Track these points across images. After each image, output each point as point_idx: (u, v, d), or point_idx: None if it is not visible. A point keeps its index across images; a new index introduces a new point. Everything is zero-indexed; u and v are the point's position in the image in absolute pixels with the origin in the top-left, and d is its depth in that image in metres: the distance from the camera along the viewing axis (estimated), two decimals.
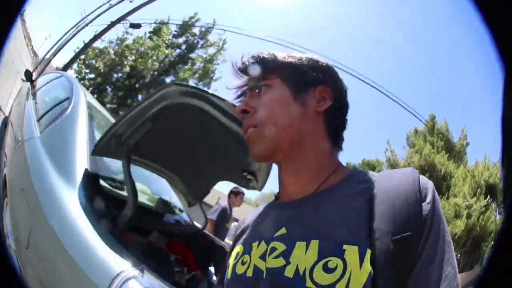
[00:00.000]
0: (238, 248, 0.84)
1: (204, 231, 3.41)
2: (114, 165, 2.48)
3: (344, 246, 0.63)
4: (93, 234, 1.72)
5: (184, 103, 1.93)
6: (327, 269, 0.62)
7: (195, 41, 22.19)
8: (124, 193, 2.22)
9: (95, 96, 18.55)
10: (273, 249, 0.72)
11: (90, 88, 18.48)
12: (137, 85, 20.99)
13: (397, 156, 33.56)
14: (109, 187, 2.29)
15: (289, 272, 0.66)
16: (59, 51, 13.73)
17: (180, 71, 21.87)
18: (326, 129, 0.84)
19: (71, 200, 1.89)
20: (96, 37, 15.91)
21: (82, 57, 18.27)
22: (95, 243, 1.67)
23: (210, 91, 1.93)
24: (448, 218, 26.37)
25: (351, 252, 0.62)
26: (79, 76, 18.56)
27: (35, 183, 2.08)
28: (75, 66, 17.21)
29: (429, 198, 0.66)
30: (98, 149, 2.18)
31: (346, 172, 0.81)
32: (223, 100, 1.81)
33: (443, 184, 27.64)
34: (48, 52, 14.45)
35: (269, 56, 0.85)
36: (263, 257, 0.73)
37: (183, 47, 22.46)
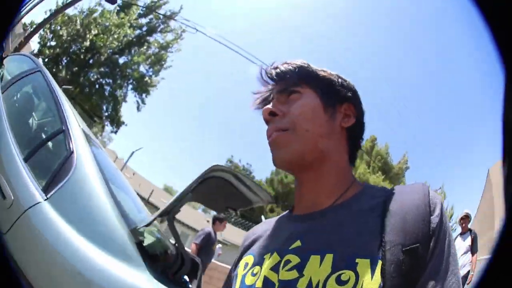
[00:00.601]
0: (248, 259, 0.85)
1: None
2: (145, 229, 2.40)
3: (357, 260, 0.65)
4: None
5: (217, 176, 2.43)
6: (339, 282, 0.64)
7: (157, 24, 22.31)
8: (166, 249, 2.57)
9: (50, 66, 18.95)
10: (287, 261, 0.73)
11: (47, 59, 18.68)
12: (91, 61, 21.25)
13: None
14: (157, 252, 2.40)
15: (301, 285, 0.67)
16: (31, 9, 12.80)
17: (135, 55, 22.36)
18: (347, 145, 0.88)
19: (147, 281, 1.95)
20: (71, 3, 15.83)
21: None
22: None
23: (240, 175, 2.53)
24: None
25: (363, 265, 0.64)
26: (42, 43, 18.71)
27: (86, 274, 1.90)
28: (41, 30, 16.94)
29: (437, 212, 0.69)
30: (147, 225, 2.33)
31: (360, 187, 0.84)
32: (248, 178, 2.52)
33: None
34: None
35: (304, 64, 0.88)
36: (275, 269, 0.74)
37: (144, 28, 22.59)
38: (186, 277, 2.65)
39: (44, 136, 2.91)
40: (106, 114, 22.42)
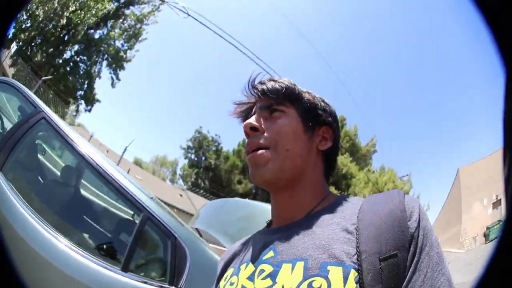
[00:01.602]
0: (228, 272, 0.89)
1: None
2: None
3: (329, 267, 0.65)
4: None
5: None
6: None
7: None
8: None
9: (26, 48, 18.70)
10: (262, 270, 0.75)
11: (22, 43, 18.79)
12: (66, 37, 21.16)
13: None
14: None
15: None
16: None
17: (111, 29, 22.63)
18: (322, 165, 0.92)
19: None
20: None
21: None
22: None
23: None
24: None
25: (335, 272, 0.64)
26: (17, 27, 18.38)
27: None
28: None
29: (415, 216, 0.69)
30: None
31: (334, 198, 0.86)
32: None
33: (342, 182, 32.41)
34: None
35: (290, 85, 0.91)
36: (251, 278, 0.76)
37: (122, 0, 22.68)
38: None
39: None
40: (81, 93, 22.42)
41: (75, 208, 3.09)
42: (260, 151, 0.84)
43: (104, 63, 23.73)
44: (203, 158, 51.73)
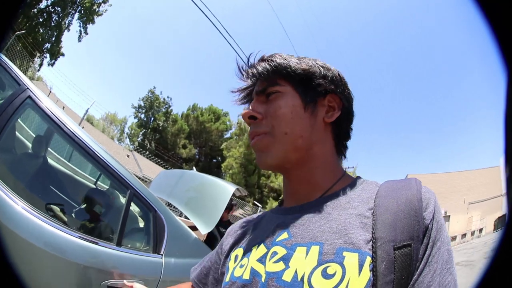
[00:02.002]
0: (238, 251, 0.85)
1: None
2: None
3: (344, 253, 0.64)
4: None
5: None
6: (326, 275, 0.62)
7: None
8: None
9: None
10: (274, 253, 0.72)
11: None
12: None
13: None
14: None
15: (287, 276, 0.66)
16: None
17: None
18: (333, 138, 0.87)
19: None
20: None
21: None
22: None
23: None
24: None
25: (351, 258, 0.63)
26: None
27: None
28: None
29: (430, 208, 0.67)
30: None
31: (350, 181, 0.84)
32: None
33: None
34: None
35: (282, 60, 0.84)
36: (261, 260, 0.74)
37: None
38: None
39: None
40: (48, 46, 21.75)
41: (62, 187, 3.22)
42: (260, 138, 0.83)
43: (76, 15, 23.03)
44: (152, 119, 51.13)
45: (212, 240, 5.02)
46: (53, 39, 21.84)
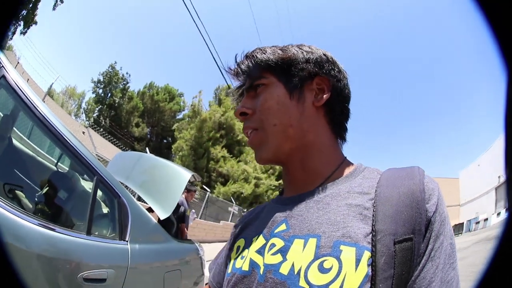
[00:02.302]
0: (240, 242, 0.85)
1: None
2: None
3: (342, 247, 0.62)
4: None
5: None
6: (322, 269, 0.61)
7: None
8: None
9: None
10: (272, 245, 0.72)
11: None
12: None
13: (202, 106, 36.28)
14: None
15: (284, 269, 0.66)
16: None
17: None
18: (328, 122, 0.84)
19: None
20: None
21: None
22: None
23: None
24: (237, 179, 32.34)
25: (348, 253, 0.61)
26: None
27: None
28: None
29: (434, 200, 0.65)
30: None
31: (351, 167, 0.82)
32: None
33: (235, 147, 31.76)
34: None
35: (262, 54, 0.84)
36: (260, 251, 0.73)
37: None
38: None
39: None
40: (23, 13, 20.87)
41: (28, 171, 3.13)
42: (252, 133, 0.84)
43: None
44: (109, 95, 49.66)
45: (168, 224, 5.05)
46: (30, 5, 20.87)
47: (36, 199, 2.70)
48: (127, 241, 2.62)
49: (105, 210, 2.86)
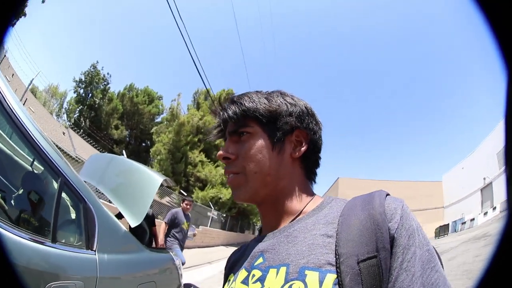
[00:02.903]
0: (231, 277, 0.93)
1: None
2: None
3: (306, 271, 0.70)
4: None
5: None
6: None
7: None
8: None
9: None
10: (253, 275, 0.81)
11: None
12: None
13: (180, 110, 36.21)
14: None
15: None
16: None
17: None
18: (302, 169, 0.93)
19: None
20: None
21: None
22: None
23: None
24: (215, 183, 31.99)
25: (312, 276, 0.68)
26: None
27: None
28: None
29: (396, 218, 0.69)
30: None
31: (318, 202, 0.90)
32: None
33: (213, 152, 31.75)
34: None
35: (250, 103, 0.91)
36: (245, 281, 0.82)
37: None
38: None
39: None
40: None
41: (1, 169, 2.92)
42: (232, 177, 0.91)
43: None
44: (90, 95, 49.29)
45: (140, 232, 4.87)
46: None
47: (12, 202, 2.47)
48: (94, 251, 2.41)
49: (73, 215, 2.63)
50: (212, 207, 25.68)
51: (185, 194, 20.65)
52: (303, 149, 0.92)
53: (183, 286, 3.31)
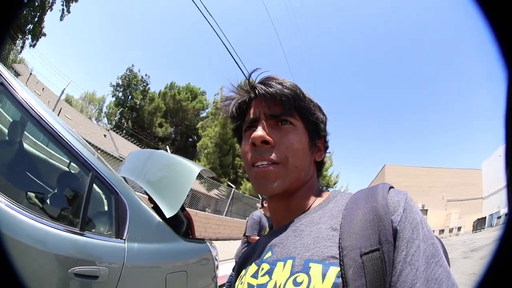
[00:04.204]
0: (242, 273, 0.96)
1: None
2: None
3: (310, 264, 0.72)
4: None
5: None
6: (296, 283, 0.71)
7: None
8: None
9: None
10: (262, 269, 0.84)
11: None
12: None
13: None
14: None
15: (270, 286, 0.77)
16: None
17: None
18: (316, 169, 1.00)
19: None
20: None
21: None
22: None
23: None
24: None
25: (315, 269, 0.70)
26: None
27: None
28: None
29: (399, 210, 0.70)
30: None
31: (324, 197, 0.94)
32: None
33: None
34: None
35: (298, 92, 0.90)
36: (254, 275, 0.85)
37: None
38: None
39: None
40: (30, 27, 21.46)
41: (22, 169, 3.05)
42: (271, 167, 0.87)
43: None
44: (130, 97, 50.51)
45: (179, 223, 4.86)
46: (36, 19, 21.35)
47: (45, 200, 2.66)
48: (124, 240, 2.54)
49: (105, 207, 2.82)
50: (260, 198, 25.50)
51: (233, 186, 20.82)
52: (323, 154, 1.01)
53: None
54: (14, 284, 0.86)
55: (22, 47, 22.48)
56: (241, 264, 1.03)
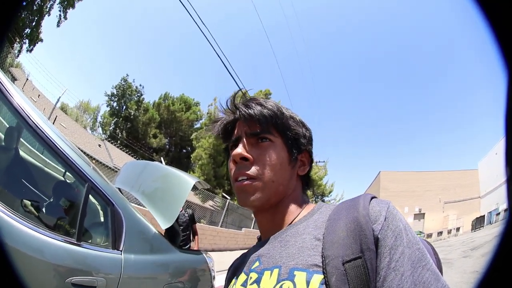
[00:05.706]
0: (232, 282, 0.98)
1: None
2: None
3: (295, 272, 0.75)
4: None
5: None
6: None
7: None
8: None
9: None
10: (251, 278, 0.87)
11: None
12: None
13: (217, 113, 36.19)
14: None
15: None
16: None
17: None
18: (301, 184, 1.03)
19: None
20: None
21: None
22: None
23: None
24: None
25: (300, 276, 0.74)
26: None
27: None
28: None
29: (381, 219, 0.73)
30: None
31: (310, 209, 0.96)
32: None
33: None
34: None
35: (277, 110, 0.95)
36: (244, 284, 0.88)
37: None
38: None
39: None
40: (27, 31, 21.46)
41: (18, 176, 3.03)
42: (248, 182, 0.91)
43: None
44: (124, 107, 50.37)
45: (174, 234, 4.90)
46: (33, 24, 21.37)
47: (40, 208, 2.68)
48: (121, 251, 2.54)
49: (101, 218, 2.82)
50: None
51: (228, 197, 20.79)
52: (307, 168, 1.03)
53: None
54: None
55: (19, 51, 22.46)
56: (232, 274, 1.06)
